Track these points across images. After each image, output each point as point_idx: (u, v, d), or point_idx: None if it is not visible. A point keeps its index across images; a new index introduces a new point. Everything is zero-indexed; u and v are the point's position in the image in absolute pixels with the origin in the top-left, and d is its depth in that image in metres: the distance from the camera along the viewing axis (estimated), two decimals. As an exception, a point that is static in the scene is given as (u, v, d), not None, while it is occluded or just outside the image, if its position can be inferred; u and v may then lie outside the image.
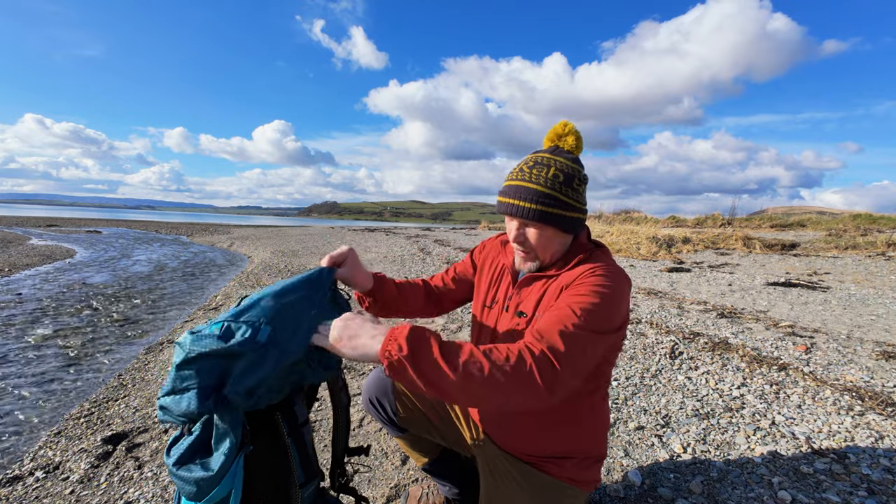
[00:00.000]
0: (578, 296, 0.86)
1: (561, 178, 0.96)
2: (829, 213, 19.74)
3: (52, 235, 15.15)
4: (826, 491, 1.51)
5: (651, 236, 9.80)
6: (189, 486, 0.71)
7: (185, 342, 0.73)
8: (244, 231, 20.54)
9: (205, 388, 0.71)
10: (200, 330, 0.76)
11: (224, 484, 0.71)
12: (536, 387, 0.70)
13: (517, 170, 1.01)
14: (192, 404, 0.70)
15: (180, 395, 0.71)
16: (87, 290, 5.62)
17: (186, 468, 0.72)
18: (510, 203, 0.98)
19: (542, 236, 0.98)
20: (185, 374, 0.71)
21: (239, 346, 0.72)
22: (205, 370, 0.72)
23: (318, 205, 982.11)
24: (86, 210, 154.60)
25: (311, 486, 0.89)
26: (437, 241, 12.86)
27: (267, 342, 0.75)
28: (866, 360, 2.70)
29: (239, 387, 0.71)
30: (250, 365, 0.73)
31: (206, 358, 0.72)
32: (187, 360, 0.71)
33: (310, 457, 0.89)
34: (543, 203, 0.94)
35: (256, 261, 8.98)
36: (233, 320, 0.77)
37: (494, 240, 1.24)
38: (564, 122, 1.03)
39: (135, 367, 2.98)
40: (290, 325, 0.81)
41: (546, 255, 1.01)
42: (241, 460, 0.73)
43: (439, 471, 1.39)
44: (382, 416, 1.30)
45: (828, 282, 5.59)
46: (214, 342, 0.72)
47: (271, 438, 0.81)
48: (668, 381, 2.48)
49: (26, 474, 1.76)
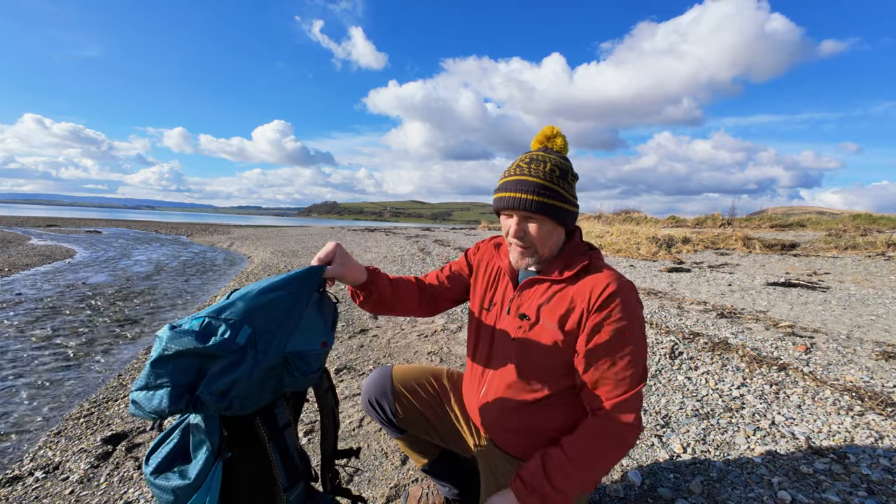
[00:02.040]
0: (614, 335, 0.94)
1: (557, 172, 0.99)
2: (829, 214, 19.74)
3: (52, 235, 15.14)
4: (826, 491, 1.51)
5: (651, 236, 9.80)
6: (166, 496, 0.69)
7: (163, 337, 0.70)
8: (244, 231, 20.54)
9: (178, 386, 0.68)
10: (181, 325, 0.73)
11: (201, 492, 0.69)
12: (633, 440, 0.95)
13: (513, 167, 1.03)
14: (163, 402, 0.67)
15: (153, 392, 0.68)
16: (86, 290, 5.62)
17: (164, 476, 0.70)
18: (511, 197, 0.99)
19: (542, 229, 1.00)
20: (159, 370, 0.69)
21: (217, 347, 0.70)
22: (180, 368, 0.69)
23: (317, 205, 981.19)
24: (86, 210, 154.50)
25: (297, 489, 0.86)
26: (436, 242, 12.86)
27: (245, 344, 0.73)
28: (866, 361, 2.70)
29: (212, 387, 0.69)
30: (226, 366, 0.70)
31: (183, 356, 0.69)
32: (163, 357, 0.69)
33: (293, 461, 0.86)
34: (543, 194, 0.97)
35: (256, 261, 8.98)
36: (214, 317, 0.74)
37: (488, 242, 1.25)
38: (551, 126, 1.08)
39: (135, 367, 2.98)
40: (271, 328, 0.78)
41: (545, 250, 1.03)
42: (218, 467, 0.71)
43: (439, 471, 1.39)
44: (382, 418, 1.30)
45: (827, 282, 5.59)
46: (192, 341, 0.70)
47: (251, 444, 0.79)
48: (668, 381, 2.48)
49: (26, 474, 1.76)
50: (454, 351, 3.11)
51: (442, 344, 3.26)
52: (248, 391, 0.73)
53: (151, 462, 0.72)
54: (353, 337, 3.48)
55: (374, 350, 3.18)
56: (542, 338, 1.00)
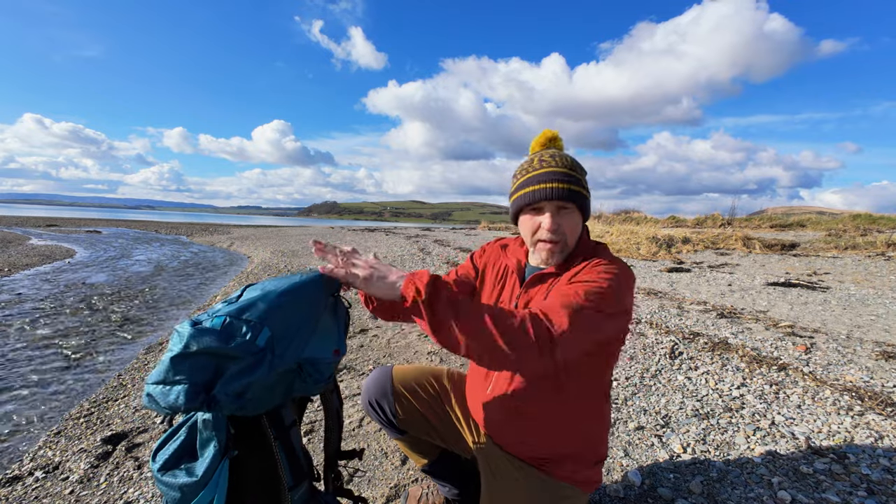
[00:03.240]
0: (584, 280, 0.92)
1: (577, 165, 1.03)
2: (829, 214, 19.74)
3: (52, 235, 15.14)
4: (826, 491, 1.51)
5: (651, 236, 9.80)
6: (173, 492, 0.69)
7: (184, 333, 0.71)
8: (244, 231, 20.53)
9: (195, 384, 0.69)
10: (202, 321, 0.74)
11: (208, 490, 0.69)
12: (530, 343, 0.75)
13: (535, 163, 1.03)
14: (180, 398, 0.68)
15: (170, 387, 0.68)
16: (86, 290, 5.62)
17: (171, 474, 0.70)
18: (543, 188, 0.98)
19: (573, 220, 1.01)
20: (178, 367, 0.69)
21: (237, 348, 0.71)
22: (198, 366, 0.70)
23: (317, 205, 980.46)
24: (85, 210, 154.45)
25: (301, 488, 0.87)
26: (437, 242, 12.86)
27: (265, 346, 0.74)
28: (866, 360, 2.70)
29: (229, 388, 0.70)
30: (244, 368, 0.71)
31: (203, 355, 0.70)
32: (185, 353, 0.69)
33: (299, 460, 0.87)
34: (575, 182, 0.99)
35: (256, 261, 8.98)
36: (235, 317, 0.75)
37: (494, 244, 1.26)
38: (549, 129, 1.11)
39: (134, 366, 2.98)
40: (289, 332, 0.79)
41: (573, 242, 1.04)
42: (225, 465, 0.72)
43: (439, 472, 1.39)
44: (382, 418, 1.30)
45: (827, 282, 5.59)
46: (215, 340, 0.70)
47: (257, 442, 0.79)
48: (668, 381, 2.48)
49: (26, 474, 1.76)
50: (454, 351, 3.11)
51: (442, 344, 3.26)
52: (261, 394, 0.74)
53: (158, 459, 0.73)
54: (353, 337, 3.48)
55: (374, 350, 3.18)
56: None
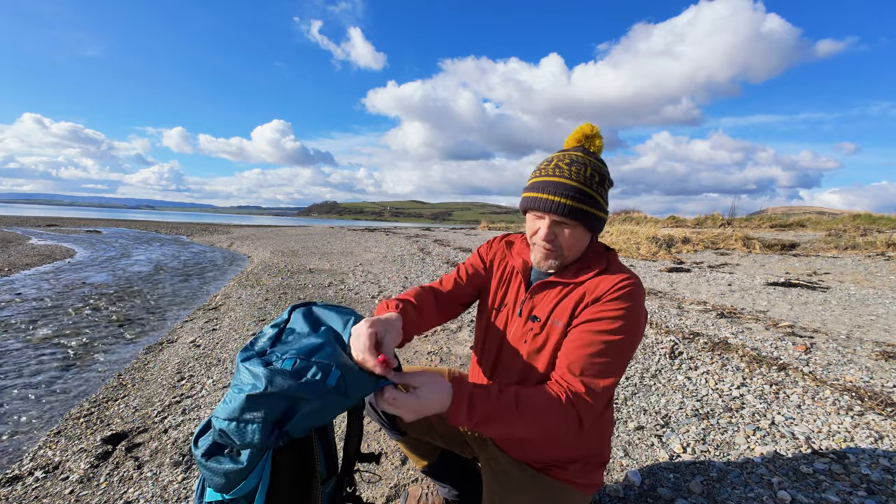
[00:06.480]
0: (605, 329, 0.90)
1: (597, 178, 0.96)
2: (829, 214, 19.74)
3: (52, 235, 15.14)
4: (825, 491, 1.51)
5: (651, 236, 9.80)
6: (218, 478, 0.71)
7: (259, 374, 0.72)
8: (244, 231, 20.53)
9: (270, 422, 0.71)
10: (272, 361, 0.75)
11: (252, 476, 0.72)
12: (574, 431, 0.86)
13: (551, 166, 0.98)
14: (256, 437, 0.69)
15: (245, 425, 0.70)
16: (86, 290, 5.62)
17: (216, 459, 0.72)
18: (546, 199, 0.94)
19: (573, 235, 0.97)
20: (254, 407, 0.70)
21: (310, 391, 0.72)
22: (273, 406, 0.71)
23: (317, 205, 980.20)
24: (85, 210, 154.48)
25: (331, 482, 0.91)
26: (436, 241, 12.86)
27: (335, 387, 0.75)
28: (866, 361, 2.70)
29: (302, 425, 0.73)
30: (316, 408, 0.73)
31: (278, 396, 0.71)
32: (262, 394, 0.71)
33: (334, 455, 0.92)
34: (580, 200, 0.93)
35: (256, 261, 8.97)
36: (305, 358, 0.76)
37: (500, 241, 1.23)
38: (591, 124, 1.02)
39: (134, 367, 2.98)
40: (353, 372, 0.79)
41: (570, 255, 1.00)
42: (269, 454, 0.74)
43: (439, 473, 1.39)
44: (382, 419, 1.29)
45: (827, 282, 5.59)
46: (288, 381, 0.72)
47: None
48: (668, 381, 2.48)
49: (26, 474, 1.76)
50: (454, 351, 3.11)
51: (442, 344, 3.25)
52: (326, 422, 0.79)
53: (201, 445, 0.75)
54: (353, 337, 3.48)
55: (374, 350, 3.18)
56: (552, 339, 0.99)
